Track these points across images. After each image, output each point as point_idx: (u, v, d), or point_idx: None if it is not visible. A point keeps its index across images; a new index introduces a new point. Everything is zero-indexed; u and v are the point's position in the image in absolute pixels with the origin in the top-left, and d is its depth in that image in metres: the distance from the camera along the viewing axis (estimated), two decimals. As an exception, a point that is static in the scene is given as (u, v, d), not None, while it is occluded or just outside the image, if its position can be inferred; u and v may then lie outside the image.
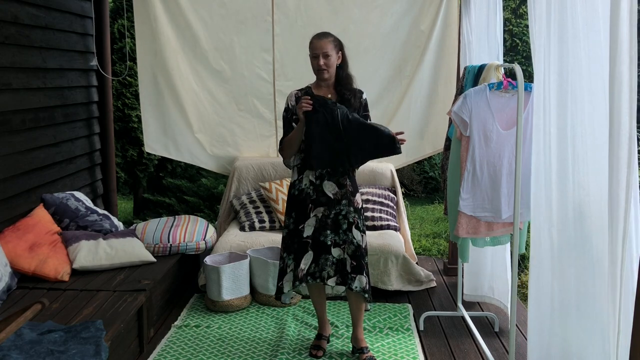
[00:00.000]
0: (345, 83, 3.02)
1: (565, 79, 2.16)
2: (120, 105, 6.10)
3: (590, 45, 2.05)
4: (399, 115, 4.65)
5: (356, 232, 3.01)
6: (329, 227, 2.99)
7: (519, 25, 9.23)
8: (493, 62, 3.10)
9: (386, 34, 4.51)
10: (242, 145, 4.77)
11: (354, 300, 3.12)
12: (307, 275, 3.02)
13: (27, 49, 3.66)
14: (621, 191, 1.82)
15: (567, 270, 2.22)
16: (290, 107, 3.05)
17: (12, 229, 3.35)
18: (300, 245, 3.01)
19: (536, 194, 2.31)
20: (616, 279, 1.87)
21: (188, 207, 6.27)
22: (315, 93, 3.02)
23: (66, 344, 2.46)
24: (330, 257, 3.00)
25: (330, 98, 2.99)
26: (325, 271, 3.02)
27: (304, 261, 3.00)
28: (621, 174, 1.81)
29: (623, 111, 1.78)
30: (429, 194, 8.09)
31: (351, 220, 3.00)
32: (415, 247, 5.35)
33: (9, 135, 3.46)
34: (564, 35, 2.14)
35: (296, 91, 3.09)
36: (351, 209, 3.00)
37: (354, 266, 2.99)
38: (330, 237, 2.99)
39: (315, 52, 2.95)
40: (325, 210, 2.99)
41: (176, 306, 3.80)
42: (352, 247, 3.00)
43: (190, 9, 4.44)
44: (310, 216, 3.00)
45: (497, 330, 3.49)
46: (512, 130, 2.82)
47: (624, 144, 1.79)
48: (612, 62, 1.79)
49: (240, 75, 4.60)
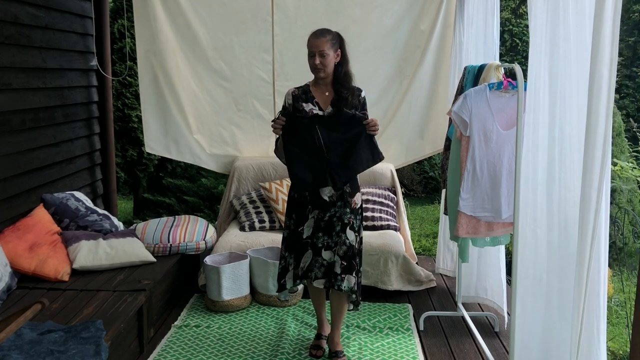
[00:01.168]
0: (344, 81, 2.96)
1: (555, 80, 2.17)
2: (120, 105, 6.09)
3: (579, 46, 2.06)
4: (399, 115, 4.66)
5: (350, 232, 2.98)
6: (321, 229, 2.98)
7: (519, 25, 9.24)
8: (493, 62, 3.10)
9: (386, 34, 4.51)
10: (241, 145, 4.77)
11: (337, 301, 3.11)
12: (306, 273, 3.03)
13: (27, 49, 3.66)
14: (593, 191, 1.83)
15: (551, 270, 2.23)
16: (287, 105, 3.02)
17: (12, 229, 3.35)
18: (301, 245, 3.02)
19: (523, 193, 2.32)
20: (582, 279, 1.87)
21: (188, 207, 6.26)
22: (313, 91, 3.00)
23: (66, 344, 2.46)
24: (320, 259, 2.99)
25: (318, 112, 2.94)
26: (313, 272, 3.01)
27: (304, 260, 3.01)
28: (594, 174, 1.82)
29: (600, 112, 1.80)
30: (429, 194, 8.09)
31: (346, 221, 2.97)
32: (415, 247, 5.35)
33: (9, 135, 3.46)
34: (555, 35, 2.15)
35: (294, 89, 3.05)
36: (347, 210, 2.97)
37: (344, 266, 2.97)
38: (321, 239, 2.98)
39: (311, 51, 2.91)
40: (319, 213, 2.98)
41: (176, 306, 3.80)
42: (343, 247, 2.97)
43: (190, 9, 4.44)
44: (308, 217, 3.00)
45: (497, 330, 3.49)
46: (512, 130, 2.82)
47: (599, 144, 1.81)
48: (593, 63, 1.80)
49: (239, 76, 4.60)
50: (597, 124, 1.80)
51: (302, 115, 2.93)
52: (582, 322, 1.90)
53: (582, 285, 1.88)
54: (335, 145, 2.87)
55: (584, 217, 1.86)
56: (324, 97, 2.99)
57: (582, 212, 1.87)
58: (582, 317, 1.89)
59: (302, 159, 2.88)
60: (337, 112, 2.92)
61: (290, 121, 2.90)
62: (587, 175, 1.85)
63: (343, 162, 2.88)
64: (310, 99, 2.99)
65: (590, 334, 1.92)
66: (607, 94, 1.78)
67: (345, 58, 2.98)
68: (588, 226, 1.85)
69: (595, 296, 1.90)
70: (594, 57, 1.79)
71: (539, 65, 2.22)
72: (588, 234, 1.85)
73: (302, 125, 2.88)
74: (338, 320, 3.16)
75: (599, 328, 1.95)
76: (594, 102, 1.80)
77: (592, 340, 1.93)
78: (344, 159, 2.88)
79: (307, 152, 2.88)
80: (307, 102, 2.98)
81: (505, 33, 9.19)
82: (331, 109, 2.95)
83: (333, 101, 2.97)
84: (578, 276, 1.90)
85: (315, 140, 2.86)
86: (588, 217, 1.85)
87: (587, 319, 1.90)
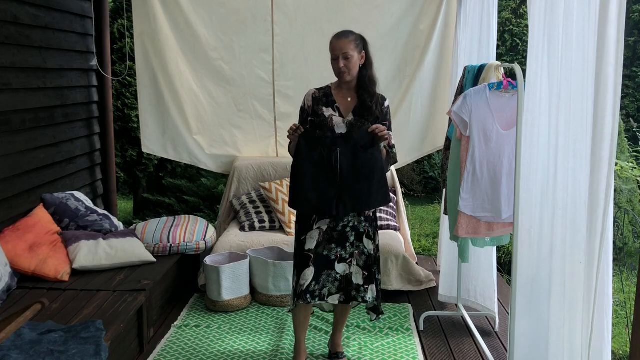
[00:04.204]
0: (368, 86, 2.78)
1: (554, 80, 2.17)
2: (120, 105, 6.10)
3: (580, 46, 2.05)
4: (399, 115, 4.65)
5: (367, 241, 2.85)
6: (334, 240, 2.80)
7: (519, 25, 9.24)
8: (493, 62, 3.09)
9: (386, 34, 4.51)
10: (241, 145, 4.77)
11: (341, 306, 3.00)
12: (306, 292, 2.78)
13: (27, 49, 3.66)
14: (601, 192, 1.82)
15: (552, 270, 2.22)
16: (306, 107, 2.84)
17: (12, 229, 3.35)
18: (302, 258, 2.82)
19: (521, 193, 2.32)
20: (592, 281, 1.86)
21: (188, 207, 6.27)
22: (334, 94, 2.82)
23: (66, 344, 2.46)
24: (333, 272, 2.83)
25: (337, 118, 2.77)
26: (326, 288, 2.83)
27: (303, 277, 2.79)
28: (602, 175, 1.81)
29: (607, 112, 1.79)
30: (429, 194, 8.09)
31: (361, 230, 2.83)
32: (415, 247, 5.35)
33: (9, 135, 3.46)
34: (554, 35, 2.15)
35: (315, 90, 2.86)
36: (361, 219, 2.83)
37: (366, 277, 2.84)
38: (334, 251, 2.82)
39: (335, 54, 2.72)
40: (331, 223, 2.79)
41: (176, 306, 3.80)
42: (363, 257, 2.85)
43: (190, 9, 4.44)
44: (313, 227, 2.80)
45: (497, 330, 3.49)
46: (512, 130, 2.82)
47: (606, 144, 1.80)
48: (599, 63, 1.79)
49: (239, 76, 4.59)
50: (603, 124, 1.79)
51: (321, 122, 2.77)
52: (592, 323, 1.88)
53: (591, 286, 1.86)
54: (350, 175, 2.68)
55: (592, 217, 1.85)
56: (346, 103, 2.81)
57: (590, 213, 1.86)
58: (592, 318, 1.88)
59: (313, 179, 2.68)
60: (357, 122, 2.75)
61: (310, 135, 2.72)
62: (595, 176, 1.83)
63: (353, 194, 2.70)
64: (331, 104, 2.81)
65: (601, 334, 1.91)
66: (612, 94, 1.77)
67: (369, 61, 2.80)
68: (597, 227, 1.83)
69: (604, 297, 1.89)
70: (600, 57, 1.78)
71: (538, 66, 2.21)
72: (597, 235, 1.84)
73: (322, 142, 2.69)
74: (341, 324, 3.11)
75: (608, 329, 1.95)
76: (600, 103, 1.79)
77: (603, 341, 1.93)
78: (355, 192, 2.70)
79: (319, 172, 2.68)
80: (327, 107, 2.80)
81: (505, 33, 9.19)
82: (352, 117, 2.78)
83: (355, 109, 2.80)
84: (587, 277, 1.88)
85: (333, 162, 2.66)
86: (596, 217, 1.83)
87: (597, 320, 1.89)
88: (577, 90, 2.08)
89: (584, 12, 2.00)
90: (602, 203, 1.82)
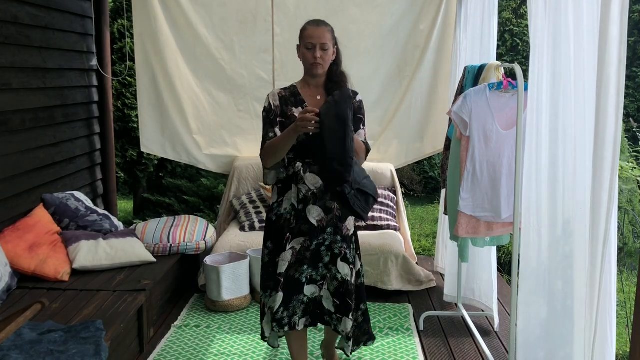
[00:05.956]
0: (340, 81, 2.53)
1: (558, 80, 2.17)
2: (120, 105, 6.10)
3: (583, 47, 2.05)
4: (399, 115, 4.66)
5: (342, 265, 2.54)
6: (307, 261, 2.52)
7: (520, 25, 9.24)
8: (493, 62, 3.09)
9: (386, 34, 4.51)
10: (241, 145, 4.77)
11: (332, 331, 2.75)
12: (272, 321, 2.53)
13: (27, 49, 3.66)
14: (604, 192, 1.81)
15: (555, 271, 2.22)
16: (273, 107, 2.53)
17: (12, 229, 3.35)
18: (271, 279, 2.55)
19: (527, 194, 2.32)
20: (595, 281, 1.86)
21: (188, 207, 6.27)
22: (302, 94, 2.57)
23: (66, 344, 2.46)
24: (301, 296, 2.55)
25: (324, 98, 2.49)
26: (296, 315, 2.55)
27: (272, 301, 2.53)
28: (605, 175, 1.81)
29: (610, 112, 1.78)
30: (429, 194, 8.09)
31: (337, 251, 2.54)
32: (415, 247, 5.35)
33: (9, 135, 3.46)
34: (558, 35, 2.14)
35: (280, 90, 2.59)
36: (338, 238, 2.53)
37: (338, 305, 2.55)
38: (306, 272, 2.54)
39: (311, 42, 2.45)
40: (305, 242, 2.51)
41: (176, 306, 3.80)
42: (334, 283, 2.55)
43: (190, 9, 4.44)
44: (286, 248, 2.51)
45: (497, 330, 3.49)
46: (512, 130, 2.82)
47: (609, 145, 1.79)
48: (601, 64, 1.78)
49: (239, 76, 4.60)
50: (605, 125, 1.79)
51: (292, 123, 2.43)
52: (596, 324, 1.88)
53: (595, 286, 1.85)
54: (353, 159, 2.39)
55: (595, 218, 1.84)
56: (316, 102, 2.55)
57: (593, 213, 1.85)
58: (595, 319, 1.87)
59: (334, 135, 2.32)
60: None
61: None
62: (597, 176, 1.82)
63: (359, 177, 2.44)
64: (300, 103, 2.54)
65: (604, 335, 1.90)
66: (615, 95, 1.76)
67: (340, 57, 2.57)
68: (600, 227, 1.83)
69: (607, 298, 1.88)
70: (602, 57, 1.77)
71: (541, 66, 2.21)
72: (600, 236, 1.83)
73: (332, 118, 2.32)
74: (333, 342, 2.88)
75: (612, 330, 1.94)
76: (602, 103, 1.79)
77: (606, 342, 1.92)
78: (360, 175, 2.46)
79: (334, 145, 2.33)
80: (296, 107, 2.53)
81: (505, 33, 9.19)
82: None
83: None
84: (590, 277, 1.87)
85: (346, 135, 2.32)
86: (599, 218, 1.82)
87: (600, 321, 1.89)
88: (580, 90, 2.08)
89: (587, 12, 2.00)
90: (605, 204, 1.81)
